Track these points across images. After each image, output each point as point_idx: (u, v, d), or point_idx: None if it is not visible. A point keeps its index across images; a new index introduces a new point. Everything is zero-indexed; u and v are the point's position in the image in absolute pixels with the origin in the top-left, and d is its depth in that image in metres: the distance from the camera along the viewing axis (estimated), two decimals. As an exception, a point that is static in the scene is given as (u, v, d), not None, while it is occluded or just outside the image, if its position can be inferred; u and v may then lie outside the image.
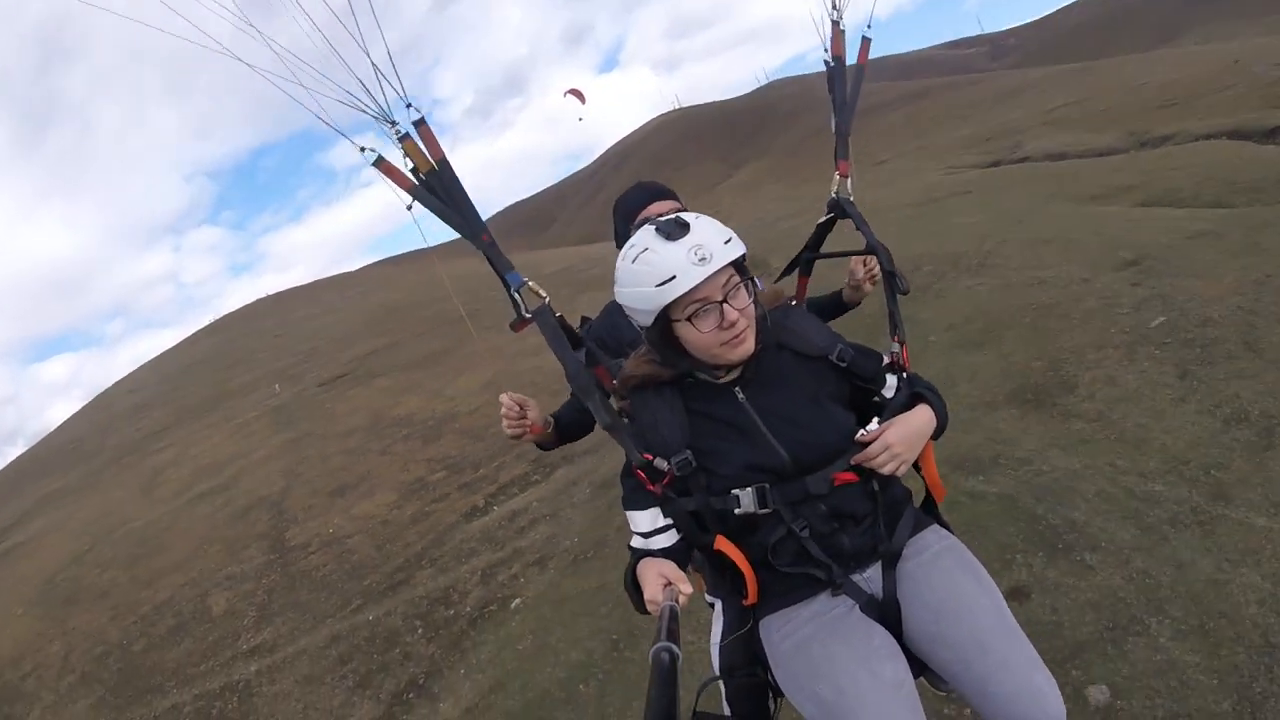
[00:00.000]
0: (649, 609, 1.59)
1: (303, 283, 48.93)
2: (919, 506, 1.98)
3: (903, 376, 1.94)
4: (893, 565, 1.80)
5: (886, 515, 1.83)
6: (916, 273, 8.24)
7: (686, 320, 1.70)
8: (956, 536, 1.91)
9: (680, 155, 62.30)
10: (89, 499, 13.01)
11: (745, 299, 1.72)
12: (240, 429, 13.75)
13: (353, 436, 10.52)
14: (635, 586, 1.71)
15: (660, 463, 1.75)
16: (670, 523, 1.79)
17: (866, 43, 2.33)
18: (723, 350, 1.72)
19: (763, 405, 1.79)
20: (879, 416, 1.85)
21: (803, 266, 2.41)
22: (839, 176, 2.26)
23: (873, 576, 1.81)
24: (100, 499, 12.67)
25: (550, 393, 9.47)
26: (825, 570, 1.76)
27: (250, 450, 11.85)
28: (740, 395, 1.81)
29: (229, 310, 45.60)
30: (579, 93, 37.15)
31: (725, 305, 1.68)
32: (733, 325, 1.69)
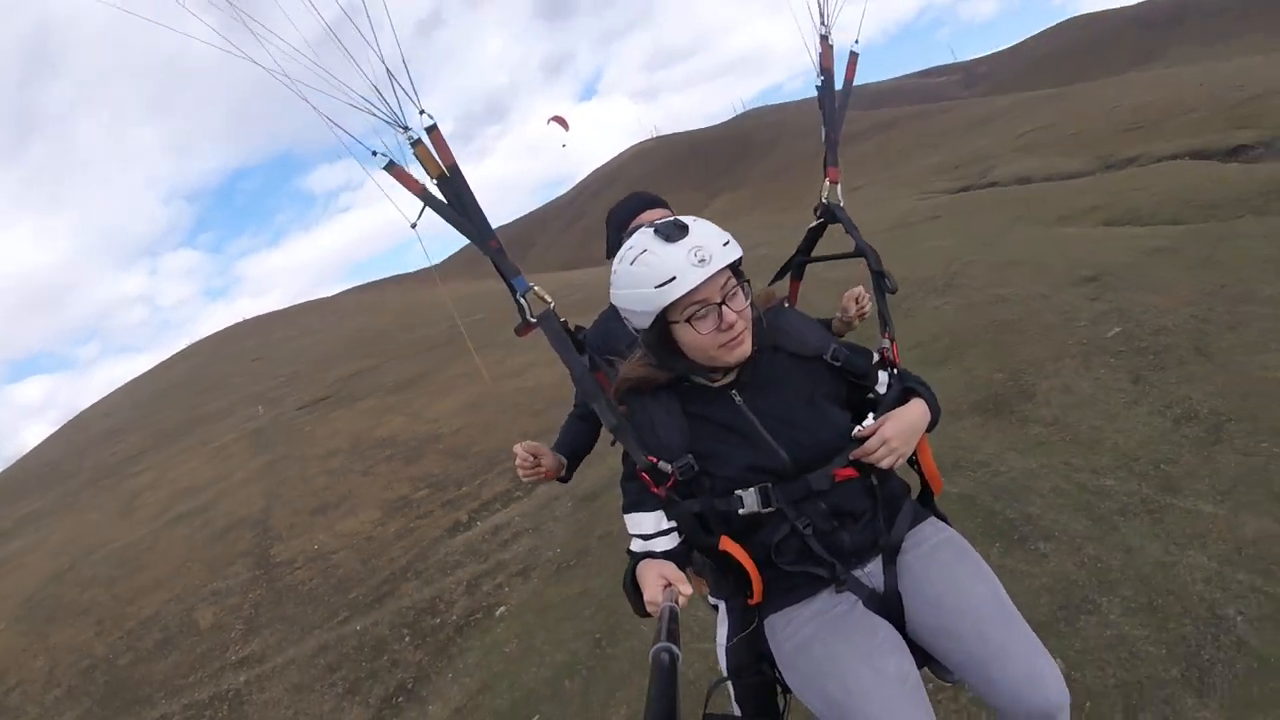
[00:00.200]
0: (649, 610, 1.59)
1: (280, 307, 48.79)
2: (916, 499, 1.99)
3: (893, 372, 1.97)
4: (893, 559, 1.81)
5: (885, 509, 1.84)
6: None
7: (685, 322, 1.71)
8: (954, 528, 1.94)
9: (658, 183, 62.42)
10: (66, 520, 12.91)
11: (743, 301, 1.74)
12: (218, 452, 13.72)
13: (334, 458, 10.54)
14: (635, 589, 1.71)
15: (664, 465, 1.75)
16: (673, 525, 1.79)
17: (854, 58, 2.44)
18: (720, 352, 1.73)
19: (760, 407, 1.80)
20: (873, 412, 1.86)
21: (795, 270, 2.47)
22: (829, 182, 2.30)
23: (873, 571, 1.82)
24: (77, 520, 12.58)
25: (532, 413, 9.63)
26: (828, 568, 1.76)
27: (230, 472, 11.82)
28: (737, 398, 1.81)
29: (205, 334, 45.33)
30: (562, 120, 37.44)
31: (724, 307, 1.70)
32: (731, 327, 1.70)
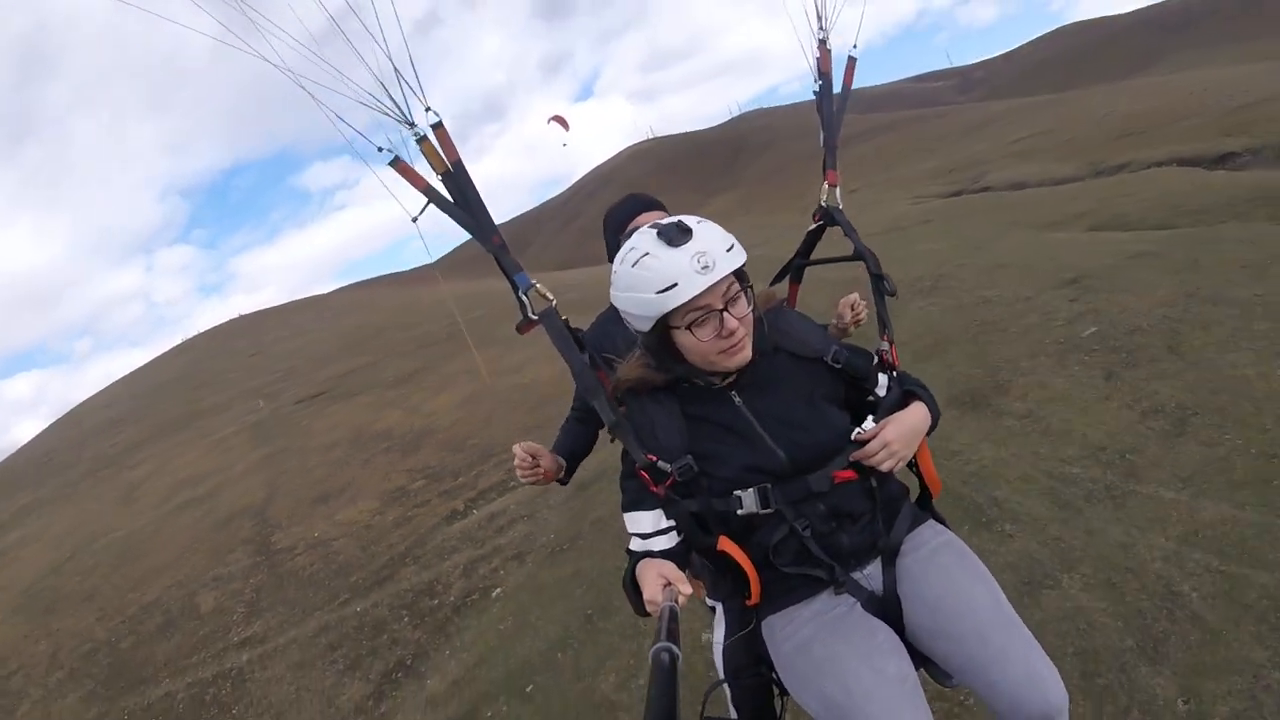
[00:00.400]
0: (648, 609, 1.59)
1: (276, 304, 48.83)
2: (914, 502, 1.99)
3: (893, 375, 1.98)
4: (892, 561, 1.81)
5: (884, 512, 1.84)
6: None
7: (685, 328, 1.70)
8: (953, 531, 1.95)
9: (654, 184, 62.99)
10: (65, 511, 13.05)
11: (745, 307, 1.73)
12: (218, 444, 13.87)
13: (334, 450, 10.70)
14: (634, 588, 1.70)
15: (663, 464, 1.75)
16: (672, 525, 1.79)
17: (852, 63, 2.44)
18: (721, 358, 1.73)
19: (759, 408, 1.79)
20: (873, 415, 1.85)
21: (794, 273, 2.46)
22: (828, 185, 2.29)
23: (872, 573, 1.82)
24: (77, 510, 12.73)
25: (527, 409, 9.80)
26: (827, 570, 1.76)
27: (230, 464, 11.98)
28: (737, 399, 1.81)
29: (200, 330, 45.38)
30: (562, 119, 37.55)
31: (725, 314, 1.69)
32: (732, 334, 1.69)
